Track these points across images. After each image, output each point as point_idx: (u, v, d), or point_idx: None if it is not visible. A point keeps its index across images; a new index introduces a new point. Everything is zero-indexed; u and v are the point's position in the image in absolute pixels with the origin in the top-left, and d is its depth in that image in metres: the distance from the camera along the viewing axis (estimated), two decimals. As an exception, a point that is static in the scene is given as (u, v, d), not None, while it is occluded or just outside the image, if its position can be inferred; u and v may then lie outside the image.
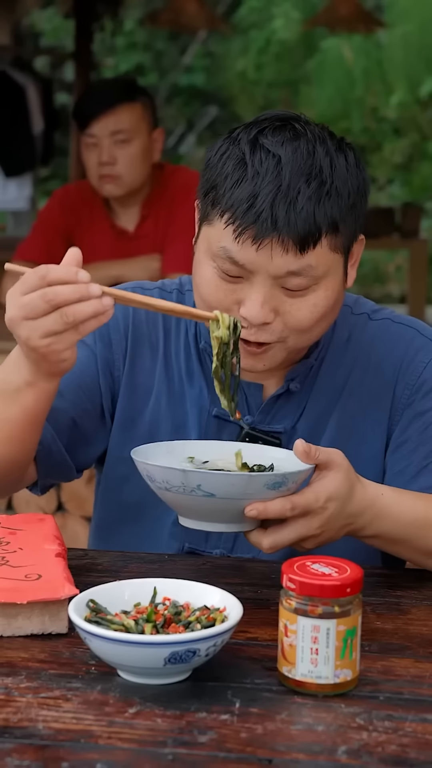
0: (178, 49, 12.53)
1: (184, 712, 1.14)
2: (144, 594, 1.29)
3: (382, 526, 1.47)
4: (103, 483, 1.70)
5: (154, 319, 1.67)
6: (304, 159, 1.45)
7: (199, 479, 1.34)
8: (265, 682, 1.21)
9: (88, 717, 1.12)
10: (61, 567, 1.36)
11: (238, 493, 1.34)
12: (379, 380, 1.62)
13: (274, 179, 1.43)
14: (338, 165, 1.47)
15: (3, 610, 1.30)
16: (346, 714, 1.15)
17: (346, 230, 1.49)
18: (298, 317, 1.48)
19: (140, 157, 3.42)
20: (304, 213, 1.43)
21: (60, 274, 1.34)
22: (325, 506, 1.38)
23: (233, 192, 1.45)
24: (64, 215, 3.51)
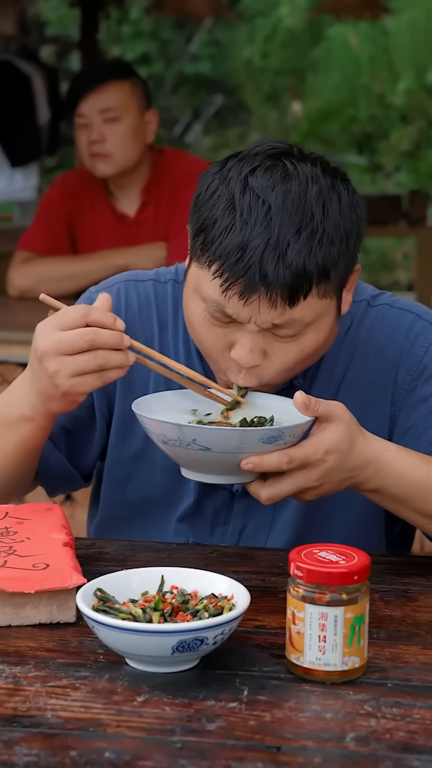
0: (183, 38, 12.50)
1: (193, 700, 1.14)
2: (151, 583, 1.29)
3: (384, 483, 1.46)
4: (106, 483, 1.69)
5: (148, 312, 1.65)
6: (295, 207, 1.40)
7: (194, 434, 1.35)
8: (273, 670, 1.21)
9: (96, 706, 1.13)
10: (68, 556, 1.36)
11: (233, 448, 1.35)
12: (379, 367, 1.61)
13: (264, 230, 1.39)
14: (331, 209, 1.42)
15: (11, 599, 1.30)
16: (355, 701, 1.15)
17: (339, 272, 1.45)
18: (284, 360, 1.47)
19: (130, 135, 3.41)
20: (293, 267, 1.39)
21: (100, 317, 1.39)
22: (324, 458, 1.38)
23: (221, 241, 1.40)
24: (65, 202, 3.51)
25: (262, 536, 1.63)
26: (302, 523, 1.61)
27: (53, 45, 10.27)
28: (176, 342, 1.64)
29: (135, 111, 3.41)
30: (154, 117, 3.48)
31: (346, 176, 1.49)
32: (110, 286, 1.68)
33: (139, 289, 1.67)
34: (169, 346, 1.64)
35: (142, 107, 3.44)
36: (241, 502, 1.62)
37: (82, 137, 3.44)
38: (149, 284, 1.67)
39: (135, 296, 1.66)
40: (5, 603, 1.30)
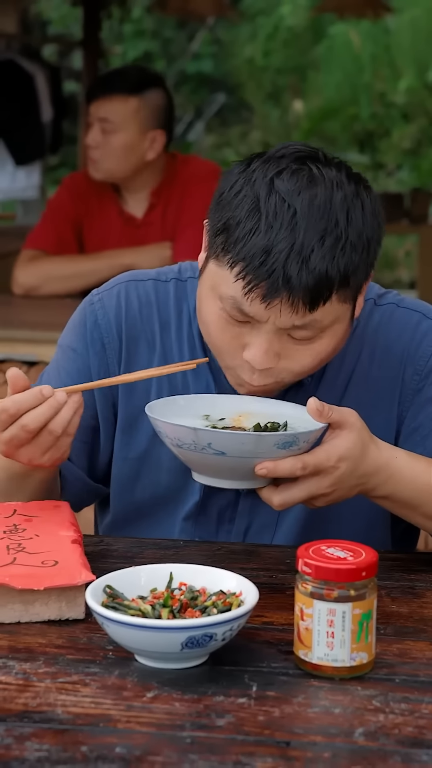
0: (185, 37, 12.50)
1: (202, 695, 1.15)
2: (160, 579, 1.30)
3: (394, 489, 1.46)
4: (114, 485, 1.69)
5: (149, 313, 1.65)
6: (320, 212, 1.40)
7: (209, 438, 1.35)
8: (282, 666, 1.22)
9: (106, 701, 1.13)
10: (77, 553, 1.37)
11: (248, 452, 1.36)
12: (386, 367, 1.61)
13: (289, 235, 1.39)
14: (355, 216, 1.43)
15: (20, 596, 1.31)
16: (363, 696, 1.16)
17: (358, 279, 1.46)
18: (299, 362, 1.47)
19: (120, 150, 3.40)
20: (316, 272, 1.39)
21: (27, 401, 1.42)
22: (336, 466, 1.39)
23: (245, 243, 1.40)
24: (74, 202, 3.52)
25: (268, 534, 1.63)
26: (307, 521, 1.62)
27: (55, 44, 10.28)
28: (180, 340, 1.64)
29: (134, 129, 3.39)
30: (160, 137, 3.43)
31: (368, 183, 1.49)
32: (111, 287, 1.69)
33: (140, 289, 1.67)
34: (172, 345, 1.64)
35: (145, 126, 3.40)
36: (246, 501, 1.63)
37: (85, 136, 3.48)
38: (150, 284, 1.67)
39: (135, 297, 1.66)
40: (15, 600, 1.31)
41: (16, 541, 1.40)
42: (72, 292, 3.47)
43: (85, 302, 1.69)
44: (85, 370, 1.65)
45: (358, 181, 1.47)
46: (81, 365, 1.65)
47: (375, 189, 1.52)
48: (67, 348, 1.67)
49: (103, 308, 1.66)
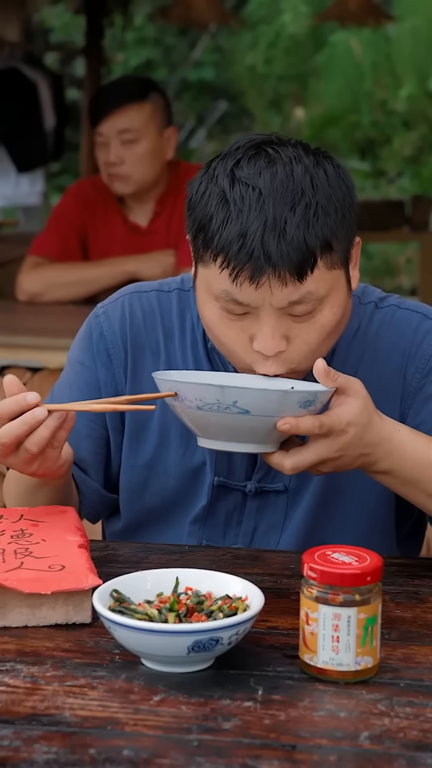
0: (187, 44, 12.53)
1: (208, 699, 1.16)
2: (166, 584, 1.31)
3: (395, 463, 1.47)
4: (124, 493, 1.70)
5: (152, 322, 1.67)
6: (284, 185, 1.42)
7: (236, 395, 1.36)
8: (287, 670, 1.23)
9: (113, 705, 1.14)
10: (84, 558, 1.38)
11: (271, 410, 1.37)
12: (388, 367, 1.63)
13: (259, 214, 1.41)
14: (319, 182, 1.45)
15: (28, 600, 1.32)
16: (368, 700, 1.17)
17: (340, 244, 1.47)
18: (308, 341, 1.48)
19: (148, 156, 3.42)
20: (295, 242, 1.41)
21: (7, 407, 1.42)
22: (345, 430, 1.41)
23: (221, 233, 1.43)
24: (79, 210, 3.53)
25: (275, 536, 1.65)
26: (314, 522, 1.63)
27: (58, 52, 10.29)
28: (184, 349, 1.66)
29: (154, 131, 3.42)
30: (173, 134, 3.49)
31: (328, 153, 1.52)
32: (115, 300, 1.71)
33: (143, 300, 1.69)
34: (176, 354, 1.66)
35: (161, 126, 3.45)
36: (253, 503, 1.64)
37: (101, 156, 3.46)
38: (153, 295, 1.69)
39: (139, 308, 1.68)
40: (22, 604, 1.32)
41: (24, 545, 1.41)
42: (76, 298, 3.48)
43: (90, 316, 1.72)
44: (94, 382, 1.67)
45: (316, 153, 1.49)
46: (89, 378, 1.67)
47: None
48: (75, 362, 1.70)
49: (108, 320, 1.68)
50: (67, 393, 1.68)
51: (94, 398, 1.66)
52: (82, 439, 1.66)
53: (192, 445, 1.64)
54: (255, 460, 1.63)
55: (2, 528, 1.47)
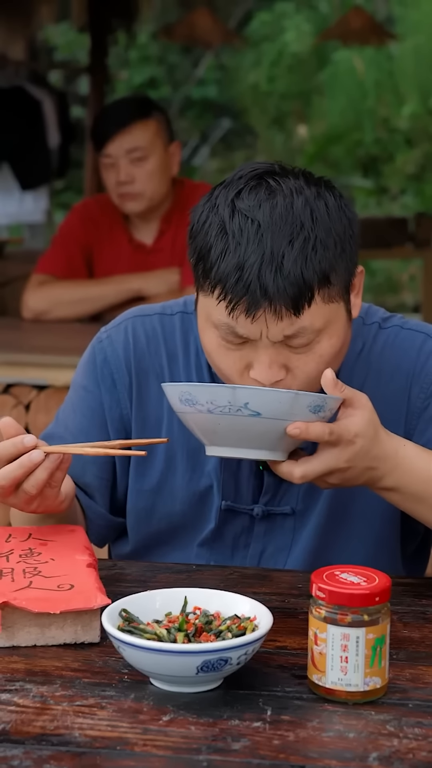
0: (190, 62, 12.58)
1: (217, 719, 1.16)
2: (175, 603, 1.31)
3: (402, 478, 1.48)
4: (131, 517, 1.70)
5: (156, 346, 1.68)
6: (284, 219, 1.43)
7: (248, 396, 1.37)
8: (296, 690, 1.23)
9: (123, 725, 1.14)
10: (92, 577, 1.38)
11: (283, 413, 1.38)
12: (392, 387, 1.63)
13: (257, 247, 1.42)
14: (319, 215, 1.45)
15: (36, 619, 1.32)
16: (377, 721, 1.17)
17: (339, 277, 1.47)
18: (306, 371, 1.48)
19: (158, 173, 3.45)
20: (292, 277, 1.41)
21: (5, 450, 1.44)
22: (353, 440, 1.42)
23: (219, 265, 1.44)
24: (85, 228, 3.54)
25: (282, 558, 1.65)
26: (321, 544, 1.63)
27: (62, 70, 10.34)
28: (188, 371, 1.67)
29: (160, 148, 3.45)
30: (177, 149, 3.52)
31: (331, 183, 1.52)
32: (118, 324, 1.72)
33: (146, 324, 1.70)
34: (180, 376, 1.67)
35: (166, 142, 3.48)
36: (260, 526, 1.64)
37: (110, 176, 3.47)
38: (155, 318, 1.70)
39: (142, 332, 1.69)
40: (31, 623, 1.32)
41: (32, 564, 1.41)
42: (81, 316, 3.49)
43: (93, 340, 1.72)
44: (98, 408, 1.67)
45: (318, 184, 1.49)
46: (93, 403, 1.68)
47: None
48: (79, 387, 1.70)
49: (112, 345, 1.69)
50: (71, 417, 1.69)
51: (98, 423, 1.67)
52: (87, 464, 1.66)
53: (199, 469, 1.65)
54: (261, 484, 1.63)
55: (11, 547, 1.48)
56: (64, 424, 1.68)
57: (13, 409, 3.02)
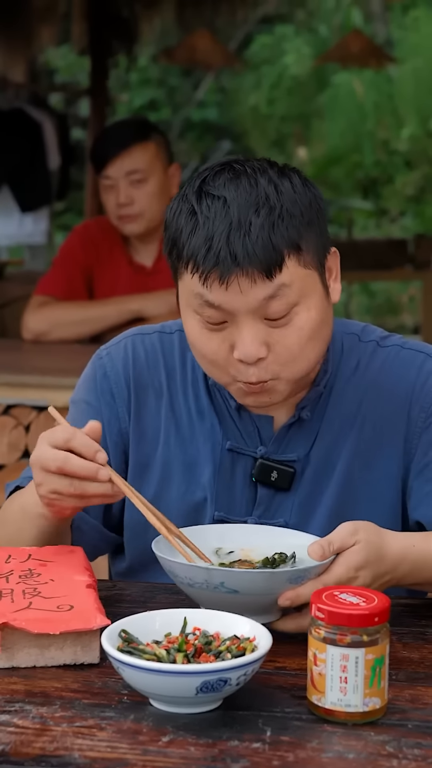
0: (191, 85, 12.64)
1: (216, 740, 1.16)
2: (174, 624, 1.31)
3: (421, 575, 1.49)
4: (127, 532, 1.71)
5: (155, 362, 1.69)
6: (248, 192, 1.48)
7: (222, 577, 1.36)
8: (295, 711, 1.23)
9: (122, 745, 1.14)
10: (92, 598, 1.38)
11: (261, 590, 1.37)
12: (392, 406, 1.64)
13: (224, 219, 1.46)
14: (284, 189, 1.49)
15: (36, 640, 1.32)
16: (376, 742, 1.17)
17: (311, 246, 1.51)
18: (286, 345, 1.50)
19: (157, 194, 3.47)
20: (260, 240, 1.45)
21: (79, 445, 1.45)
22: (356, 575, 1.41)
23: (190, 242, 1.48)
24: (85, 250, 3.56)
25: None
26: None
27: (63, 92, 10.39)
28: (185, 388, 1.68)
29: (160, 169, 3.47)
30: (177, 171, 3.54)
31: (295, 168, 1.56)
32: (118, 342, 1.73)
33: (146, 341, 1.71)
34: (178, 393, 1.68)
35: (165, 164, 3.50)
36: None
37: (110, 198, 3.48)
38: (155, 336, 1.72)
39: (142, 349, 1.70)
40: (31, 644, 1.32)
41: (32, 585, 1.42)
42: (81, 337, 3.50)
43: (93, 358, 1.74)
44: (99, 419, 1.67)
45: (282, 167, 1.54)
46: (94, 416, 1.68)
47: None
48: (81, 401, 1.71)
49: (111, 361, 1.70)
50: None
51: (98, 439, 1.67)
52: None
53: (194, 481, 1.65)
54: (255, 496, 1.64)
55: (10, 568, 1.48)
56: None
57: (13, 430, 3.03)
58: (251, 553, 1.51)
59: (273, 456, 1.63)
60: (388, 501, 1.63)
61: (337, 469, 1.63)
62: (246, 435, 1.64)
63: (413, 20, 11.70)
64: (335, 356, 1.65)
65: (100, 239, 3.56)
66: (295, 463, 1.63)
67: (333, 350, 1.65)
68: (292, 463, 1.63)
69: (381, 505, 1.63)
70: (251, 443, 1.64)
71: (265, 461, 1.63)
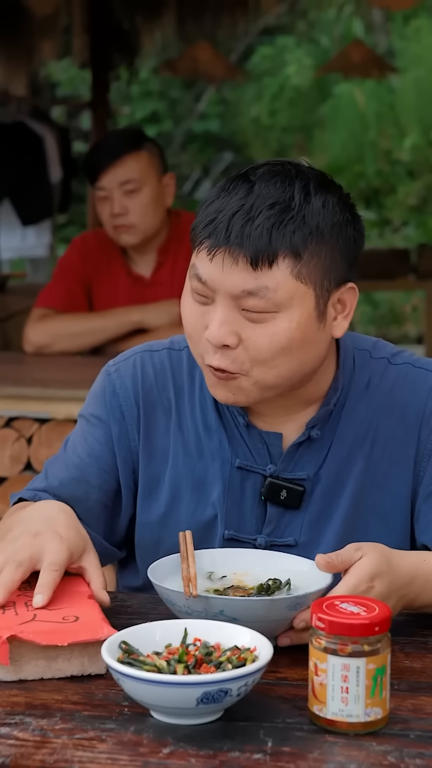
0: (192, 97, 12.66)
1: (217, 751, 1.15)
2: (175, 635, 1.31)
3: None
4: (139, 550, 1.71)
5: (164, 381, 1.69)
6: (278, 189, 1.48)
7: (221, 605, 1.36)
8: (296, 721, 1.22)
9: (122, 758, 1.14)
10: (96, 609, 1.38)
11: (260, 617, 1.36)
12: (402, 426, 1.62)
13: (240, 200, 1.47)
14: (314, 200, 1.49)
15: (44, 652, 1.31)
16: (378, 752, 1.16)
17: (316, 263, 1.49)
18: (256, 344, 1.49)
19: (151, 204, 3.46)
20: (258, 230, 1.45)
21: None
22: (371, 585, 1.39)
23: (205, 210, 1.50)
24: (83, 262, 3.56)
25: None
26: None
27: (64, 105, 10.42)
28: (192, 404, 1.67)
29: (153, 179, 3.46)
30: (171, 180, 3.54)
31: (343, 192, 1.55)
32: (127, 358, 1.73)
33: (154, 358, 1.70)
34: (186, 410, 1.67)
35: (159, 174, 3.50)
36: None
37: (104, 209, 3.48)
38: (164, 353, 1.71)
39: (150, 366, 1.70)
40: (38, 656, 1.31)
41: (33, 597, 1.41)
42: (82, 349, 3.50)
43: (102, 373, 1.73)
44: (108, 436, 1.68)
45: (328, 183, 1.53)
46: (106, 431, 1.69)
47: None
48: (91, 416, 1.71)
49: (120, 378, 1.70)
50: (81, 443, 1.70)
51: (108, 453, 1.68)
52: (92, 488, 1.66)
53: (203, 499, 1.65)
54: (264, 514, 1.63)
55: (11, 580, 1.47)
56: (73, 451, 1.69)
57: (14, 442, 3.02)
58: (244, 578, 1.51)
59: (282, 474, 1.62)
60: (398, 521, 1.62)
61: (347, 488, 1.61)
62: (255, 452, 1.63)
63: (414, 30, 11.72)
64: (347, 373, 1.63)
65: (99, 251, 3.56)
66: (304, 482, 1.62)
67: (344, 367, 1.63)
68: (301, 481, 1.62)
69: (391, 525, 1.62)
70: (260, 461, 1.63)
71: (275, 480, 1.61)
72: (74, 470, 1.67)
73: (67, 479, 1.66)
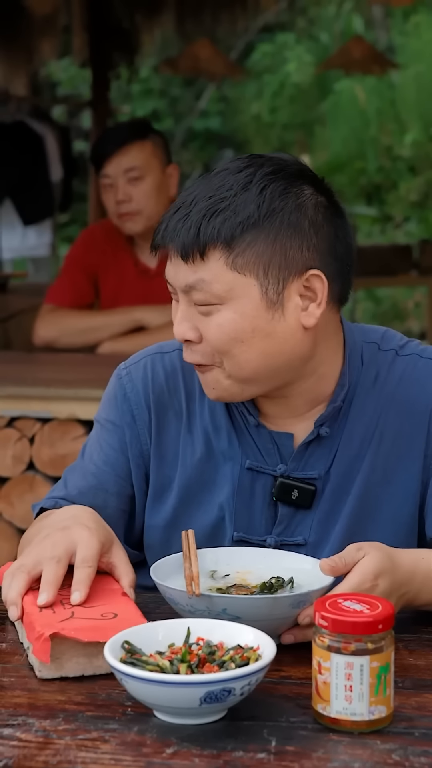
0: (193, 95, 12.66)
1: (221, 751, 1.15)
2: (178, 634, 1.30)
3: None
4: (148, 552, 1.70)
5: (175, 384, 1.68)
6: (227, 181, 1.50)
7: (225, 604, 1.36)
8: (300, 720, 1.22)
9: (126, 758, 1.13)
10: (132, 605, 1.39)
11: (263, 615, 1.36)
12: (411, 420, 1.61)
13: (188, 196, 1.51)
14: (252, 189, 1.49)
15: (85, 649, 1.31)
16: (382, 750, 1.15)
17: (257, 253, 1.48)
18: (209, 336, 1.53)
19: (155, 192, 3.49)
20: (189, 223, 1.48)
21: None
22: (375, 583, 1.38)
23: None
24: (89, 254, 3.60)
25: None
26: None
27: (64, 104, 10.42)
28: (203, 406, 1.67)
29: (157, 168, 3.50)
30: (175, 171, 3.57)
31: (330, 186, 1.56)
32: (138, 360, 1.72)
33: (165, 361, 1.70)
34: (196, 411, 1.67)
35: (163, 163, 3.53)
36: None
37: (110, 197, 3.52)
38: (175, 355, 1.70)
39: (161, 369, 1.69)
40: (79, 653, 1.31)
41: (67, 596, 1.40)
42: (88, 344, 3.53)
43: (114, 377, 1.73)
44: (122, 441, 1.69)
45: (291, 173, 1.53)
46: (120, 436, 1.69)
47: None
48: (105, 421, 1.71)
49: (131, 381, 1.70)
50: (97, 450, 1.70)
51: (123, 459, 1.68)
52: (110, 496, 1.67)
53: (212, 501, 1.64)
54: (275, 515, 1.63)
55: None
56: (90, 457, 1.70)
57: (17, 442, 3.02)
58: (247, 577, 1.50)
59: (293, 474, 1.61)
60: (406, 516, 1.61)
61: (355, 485, 1.61)
62: (265, 452, 1.63)
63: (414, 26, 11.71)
64: (354, 368, 1.62)
65: (105, 241, 3.60)
66: (315, 481, 1.61)
67: (351, 362, 1.62)
68: (312, 480, 1.61)
69: (398, 520, 1.61)
70: (271, 461, 1.62)
71: (285, 480, 1.61)
72: (92, 479, 1.68)
73: (86, 488, 1.67)
